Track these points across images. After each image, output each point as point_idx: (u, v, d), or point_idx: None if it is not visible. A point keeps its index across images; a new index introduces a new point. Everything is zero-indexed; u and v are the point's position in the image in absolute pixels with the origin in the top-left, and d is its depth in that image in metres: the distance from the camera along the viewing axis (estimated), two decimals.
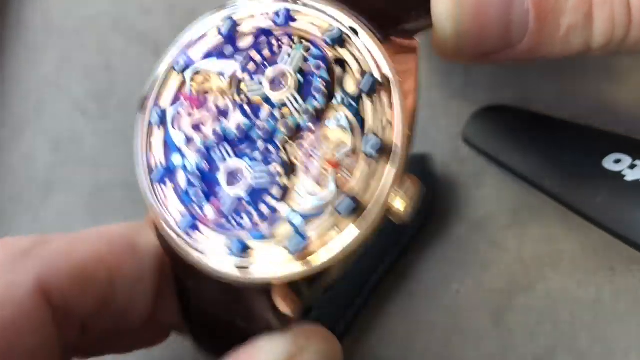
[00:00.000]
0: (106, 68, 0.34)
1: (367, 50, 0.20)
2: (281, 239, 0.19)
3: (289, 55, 0.20)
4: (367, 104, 0.19)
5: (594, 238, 0.29)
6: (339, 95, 0.19)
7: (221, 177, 0.20)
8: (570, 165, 0.27)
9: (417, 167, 0.29)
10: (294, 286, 0.20)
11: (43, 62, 0.34)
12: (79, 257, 0.21)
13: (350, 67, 0.20)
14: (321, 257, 0.19)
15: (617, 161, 0.26)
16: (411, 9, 0.22)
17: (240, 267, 0.19)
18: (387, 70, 0.19)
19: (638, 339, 0.27)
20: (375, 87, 0.19)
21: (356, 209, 0.18)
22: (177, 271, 0.22)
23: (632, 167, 0.26)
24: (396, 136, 0.19)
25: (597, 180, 0.26)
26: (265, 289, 0.19)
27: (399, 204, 0.19)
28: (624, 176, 0.26)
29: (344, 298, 0.28)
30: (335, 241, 0.19)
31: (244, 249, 0.19)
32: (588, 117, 0.30)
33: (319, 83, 0.19)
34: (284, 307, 0.20)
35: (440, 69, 0.32)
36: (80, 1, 0.35)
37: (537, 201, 0.29)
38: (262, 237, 0.19)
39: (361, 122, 0.19)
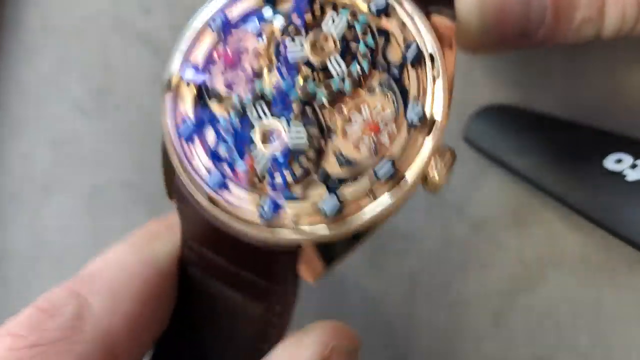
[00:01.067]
0: (105, 68, 0.34)
1: (411, 22, 0.19)
2: (315, 201, 0.19)
3: (333, 20, 0.20)
4: (411, 74, 0.19)
5: (595, 238, 0.29)
6: (381, 64, 0.19)
7: (256, 135, 0.19)
8: (571, 165, 0.27)
9: None
10: (321, 249, 0.20)
11: (42, 62, 0.34)
12: (128, 309, 0.20)
13: (396, 38, 0.19)
14: (354, 221, 0.19)
15: (618, 161, 0.26)
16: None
17: (270, 227, 0.19)
18: (431, 42, 0.19)
19: (639, 340, 0.27)
20: (420, 58, 0.19)
21: (394, 175, 0.19)
22: (190, 240, 0.21)
23: (633, 167, 0.26)
24: (437, 107, 0.19)
25: (598, 180, 0.26)
26: (291, 250, 0.20)
27: (436, 175, 0.19)
28: (624, 176, 0.26)
29: None
30: (370, 206, 0.19)
31: (276, 209, 0.19)
32: (588, 116, 0.30)
33: (364, 49, 0.19)
34: (307, 273, 0.20)
35: None
36: (80, 0, 0.35)
37: (538, 201, 0.29)
38: (295, 198, 0.19)
39: (403, 91, 0.19)
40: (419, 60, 0.19)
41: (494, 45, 0.23)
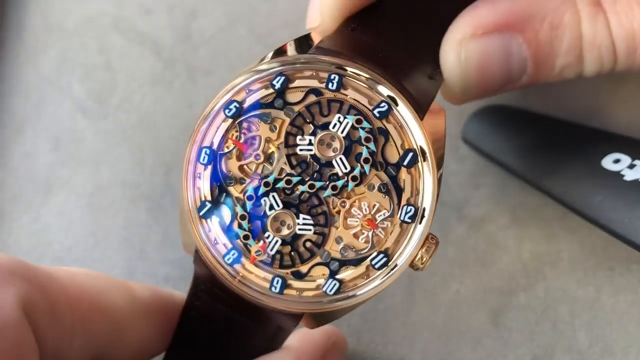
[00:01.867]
0: (106, 68, 0.34)
1: (407, 125, 0.22)
2: (317, 279, 0.22)
3: (339, 121, 0.22)
4: (405, 175, 0.22)
5: (593, 238, 0.29)
6: (380, 163, 0.22)
7: (269, 222, 0.22)
8: (569, 165, 0.27)
9: None
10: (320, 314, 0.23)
11: (43, 62, 0.34)
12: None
13: (393, 139, 0.22)
14: (349, 298, 0.22)
15: (616, 161, 0.26)
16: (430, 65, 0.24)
17: (277, 299, 0.22)
18: (424, 144, 0.22)
19: (637, 338, 0.28)
20: (415, 163, 0.22)
21: (387, 263, 0.22)
22: (202, 279, 0.24)
23: (631, 166, 0.26)
24: (426, 203, 0.22)
25: (596, 180, 0.26)
26: (294, 315, 0.23)
27: (421, 260, 0.22)
28: (623, 176, 0.26)
29: None
30: (364, 287, 0.22)
31: (284, 286, 0.22)
32: (588, 117, 0.30)
33: (367, 154, 0.22)
34: (306, 325, 0.23)
35: None
36: (81, 1, 0.35)
37: (537, 201, 0.29)
38: (301, 277, 0.22)
39: (398, 189, 0.22)
40: (414, 164, 0.22)
41: (479, 96, 0.25)
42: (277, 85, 0.22)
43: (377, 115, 0.22)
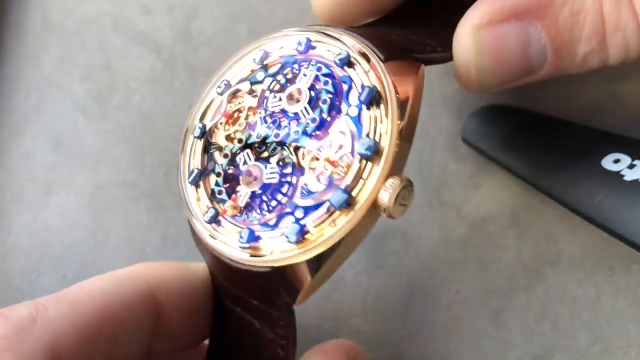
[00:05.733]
0: (106, 68, 0.34)
1: (371, 69, 0.22)
2: (283, 230, 0.22)
3: (305, 75, 0.23)
4: (365, 113, 0.22)
5: (593, 238, 0.29)
6: (344, 107, 0.22)
7: (242, 178, 0.23)
8: (569, 165, 0.27)
9: None
10: (305, 267, 0.22)
11: (43, 62, 0.34)
12: (82, 320, 0.22)
13: (355, 84, 0.22)
14: (317, 244, 0.21)
15: (616, 161, 0.26)
16: (427, 43, 0.24)
17: (252, 255, 0.22)
18: (385, 84, 0.22)
19: (637, 339, 0.28)
20: (372, 98, 0.22)
21: (348, 202, 0.21)
22: (210, 270, 0.24)
23: (631, 166, 0.26)
24: (386, 140, 0.21)
25: (596, 180, 0.26)
26: (274, 272, 0.22)
27: (385, 198, 0.21)
28: (622, 176, 0.26)
29: None
30: (329, 230, 0.21)
31: (253, 237, 0.22)
32: (587, 117, 0.30)
33: (325, 95, 0.23)
34: (295, 286, 0.22)
35: (440, 68, 0.32)
36: (81, 1, 0.35)
37: (537, 201, 0.29)
38: (269, 227, 0.22)
39: (360, 129, 0.22)
40: (370, 100, 0.22)
41: (497, 85, 0.24)
42: (257, 59, 0.24)
43: (338, 62, 0.23)
